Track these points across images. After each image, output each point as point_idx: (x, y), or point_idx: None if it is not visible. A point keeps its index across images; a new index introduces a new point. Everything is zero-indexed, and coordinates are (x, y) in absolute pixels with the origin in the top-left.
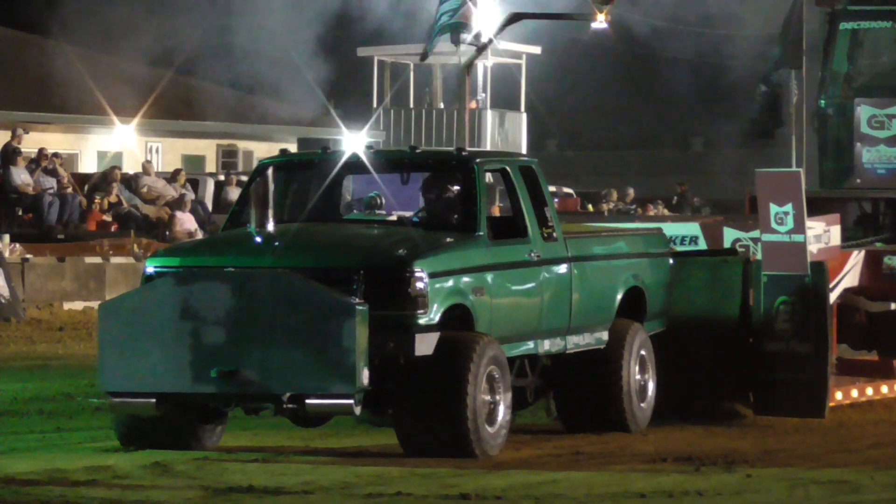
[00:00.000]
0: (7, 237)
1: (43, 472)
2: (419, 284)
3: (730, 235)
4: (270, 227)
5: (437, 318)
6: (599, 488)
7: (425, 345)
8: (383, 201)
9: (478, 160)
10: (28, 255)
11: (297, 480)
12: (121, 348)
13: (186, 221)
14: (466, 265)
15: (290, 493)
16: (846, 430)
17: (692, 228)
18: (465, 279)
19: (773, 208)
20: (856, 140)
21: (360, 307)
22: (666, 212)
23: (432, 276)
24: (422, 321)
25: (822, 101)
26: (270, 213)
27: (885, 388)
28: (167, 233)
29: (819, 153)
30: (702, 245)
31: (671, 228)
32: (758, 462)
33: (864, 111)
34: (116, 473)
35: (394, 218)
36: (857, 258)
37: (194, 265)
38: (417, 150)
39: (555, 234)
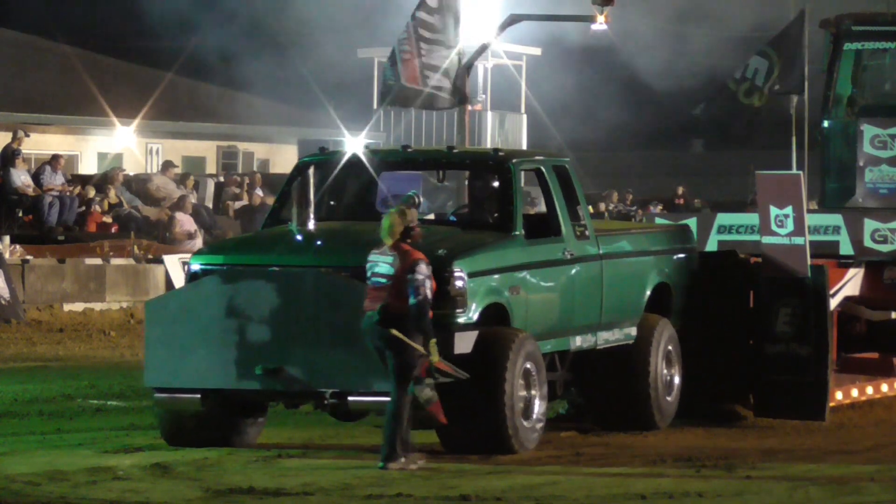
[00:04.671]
0: (7, 238)
1: (43, 473)
2: (458, 284)
3: (870, 226)
4: (311, 225)
5: (475, 317)
6: (599, 489)
7: (464, 343)
8: (421, 200)
9: (514, 160)
10: (28, 257)
11: (297, 481)
12: (167, 345)
13: (186, 223)
14: (504, 264)
15: (290, 495)
16: (846, 431)
17: (835, 219)
18: (503, 278)
19: (774, 211)
20: (859, 160)
21: None
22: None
23: (471, 275)
24: (461, 320)
25: (826, 122)
26: (311, 211)
27: (885, 387)
28: (167, 234)
29: (822, 172)
30: (844, 235)
31: (814, 219)
32: (758, 463)
33: (867, 131)
34: (116, 474)
35: (431, 217)
36: (857, 268)
37: (238, 263)
38: (455, 150)
39: (587, 233)
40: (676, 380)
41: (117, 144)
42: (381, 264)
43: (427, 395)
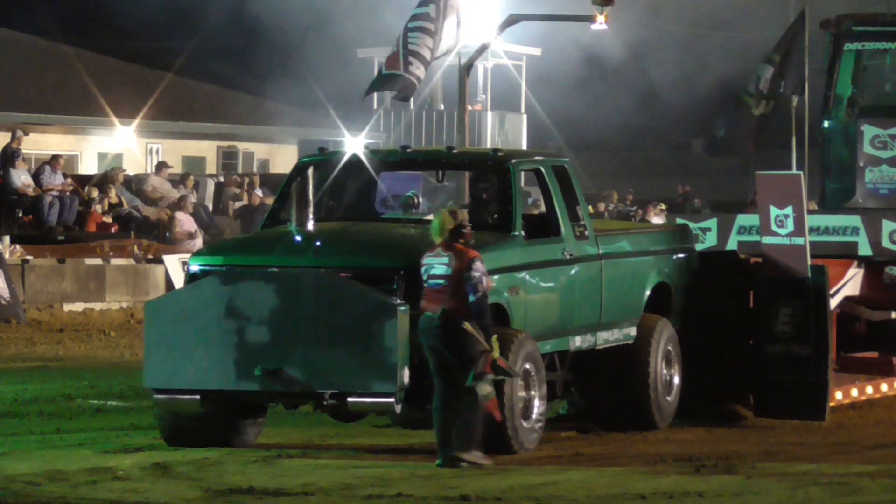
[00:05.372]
0: (7, 239)
1: (43, 473)
2: None
3: (888, 227)
4: (311, 225)
5: None
6: (599, 489)
7: None
8: (420, 201)
9: (514, 160)
10: (28, 257)
11: (297, 481)
12: (166, 346)
13: (186, 222)
14: (503, 265)
15: (290, 495)
16: (846, 430)
17: (854, 220)
18: (502, 278)
19: (774, 211)
20: (859, 160)
21: (402, 307)
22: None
23: None
24: None
25: (826, 122)
26: (311, 211)
27: (884, 387)
28: (167, 234)
29: (822, 172)
30: (862, 237)
31: (832, 220)
32: (758, 463)
33: (867, 131)
34: (116, 474)
35: (430, 217)
36: (857, 268)
37: (237, 264)
38: (454, 150)
39: (586, 233)
40: (676, 380)
41: (117, 144)
42: (437, 266)
43: (486, 390)
